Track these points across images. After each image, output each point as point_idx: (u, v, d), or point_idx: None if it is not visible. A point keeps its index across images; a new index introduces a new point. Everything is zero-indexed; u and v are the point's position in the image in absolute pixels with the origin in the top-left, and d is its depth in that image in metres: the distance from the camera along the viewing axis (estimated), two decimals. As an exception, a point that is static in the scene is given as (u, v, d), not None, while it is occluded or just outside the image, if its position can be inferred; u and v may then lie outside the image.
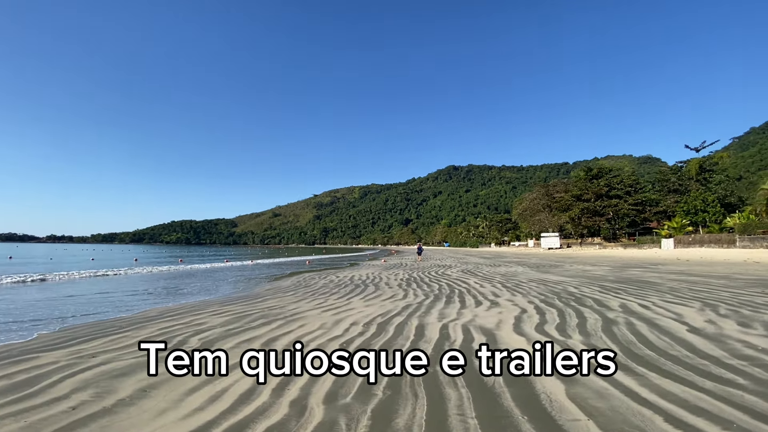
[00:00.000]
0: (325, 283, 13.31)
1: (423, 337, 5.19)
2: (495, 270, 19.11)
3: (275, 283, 14.34)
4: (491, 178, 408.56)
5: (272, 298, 9.58)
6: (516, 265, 22.90)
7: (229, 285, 13.99)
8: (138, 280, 15.33)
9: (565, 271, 17.24)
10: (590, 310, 7.18)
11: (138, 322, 6.62)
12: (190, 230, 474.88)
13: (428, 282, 13.43)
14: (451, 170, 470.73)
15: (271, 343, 5.00)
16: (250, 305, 8.42)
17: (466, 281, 13.46)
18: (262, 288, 12.49)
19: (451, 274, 17.13)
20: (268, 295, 10.27)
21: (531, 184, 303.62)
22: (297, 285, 12.98)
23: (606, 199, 57.12)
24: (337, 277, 16.13)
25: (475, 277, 14.93)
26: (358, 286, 12.19)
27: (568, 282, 12.46)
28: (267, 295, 10.27)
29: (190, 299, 9.97)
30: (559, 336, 5.19)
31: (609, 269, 18.18)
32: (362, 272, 18.74)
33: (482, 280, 13.64)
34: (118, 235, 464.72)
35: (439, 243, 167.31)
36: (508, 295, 9.47)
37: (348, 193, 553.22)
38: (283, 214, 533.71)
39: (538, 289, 10.58)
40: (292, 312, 7.42)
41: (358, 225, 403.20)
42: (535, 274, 16.33)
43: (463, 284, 12.43)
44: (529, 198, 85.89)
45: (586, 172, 63.56)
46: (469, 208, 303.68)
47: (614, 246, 55.23)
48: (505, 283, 12.65)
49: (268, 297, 9.90)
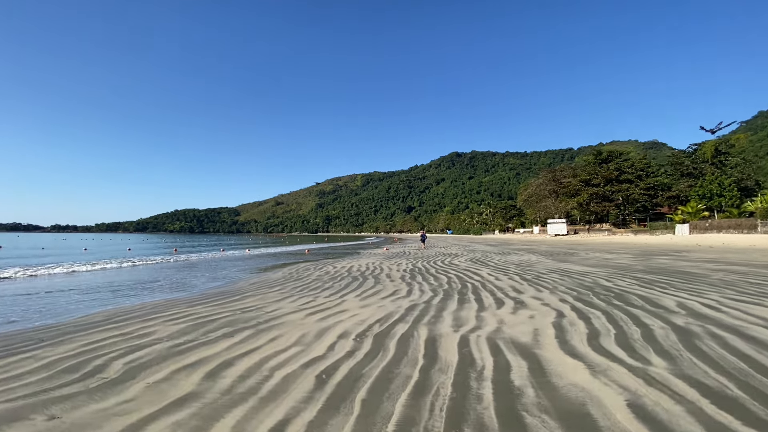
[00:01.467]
0: (319, 276, 11.84)
1: (437, 362, 3.67)
2: (506, 259, 17.58)
3: (264, 275, 12.89)
4: (495, 164, 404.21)
5: (252, 296, 8.10)
6: (527, 253, 21.37)
7: (212, 278, 12.55)
8: (113, 275, 13.92)
9: (585, 260, 15.69)
10: (645, 312, 5.64)
11: (66, 333, 5.16)
12: (194, 219, 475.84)
13: (435, 274, 11.93)
14: (454, 157, 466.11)
15: (219, 373, 3.50)
16: (222, 306, 6.95)
17: (478, 272, 11.94)
18: (247, 281, 11.03)
19: (459, 263, 15.63)
20: (249, 291, 8.80)
21: (535, 170, 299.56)
22: (287, 278, 11.51)
23: (616, 184, 55.14)
24: (333, 267, 14.67)
25: (486, 268, 13.41)
26: (356, 279, 10.71)
27: (595, 273, 10.92)
28: (248, 291, 8.80)
29: (157, 297, 8.51)
30: (628, 358, 3.67)
31: (631, 257, 16.60)
32: (362, 262, 17.27)
33: (495, 271, 12.12)
34: (122, 224, 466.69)
35: (442, 230, 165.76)
36: (533, 291, 7.94)
37: (350, 180, 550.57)
38: (286, 202, 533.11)
39: (565, 283, 9.05)
40: (268, 316, 5.93)
41: (361, 213, 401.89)
42: (552, 263, 14.79)
43: (475, 276, 10.92)
44: (535, 184, 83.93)
45: (596, 156, 61.35)
46: (472, 195, 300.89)
47: (624, 232, 53.54)
48: (523, 274, 11.12)
49: (248, 294, 8.43)
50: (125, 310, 6.84)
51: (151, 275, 13.48)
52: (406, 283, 9.79)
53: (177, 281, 11.57)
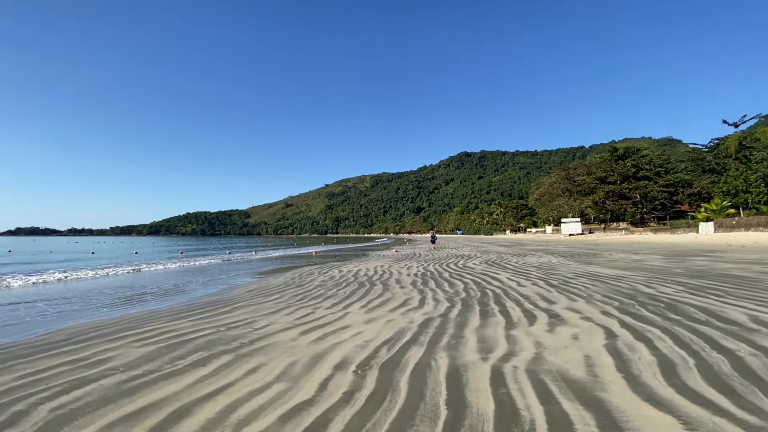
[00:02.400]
0: (323, 281, 10.89)
1: (466, 414, 2.66)
2: (524, 261, 16.43)
3: (264, 280, 12.00)
4: (504, 163, 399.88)
5: (245, 306, 7.19)
6: (545, 254, 20.14)
7: (209, 284, 11.71)
8: (107, 281, 13.21)
9: (611, 262, 14.46)
10: (716, 330, 4.55)
11: (9, 359, 4.28)
12: (205, 221, 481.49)
13: (449, 278, 10.89)
14: (463, 157, 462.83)
15: (166, 431, 2.55)
16: (207, 320, 6.04)
17: (496, 277, 10.86)
18: (244, 288, 10.14)
19: (474, 266, 14.54)
20: (243, 301, 7.89)
21: (546, 169, 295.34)
22: (288, 284, 10.59)
23: (633, 181, 53.19)
24: (339, 272, 13.73)
25: (505, 271, 12.31)
26: (362, 286, 9.74)
27: (629, 277, 9.76)
28: (242, 301, 7.89)
29: (140, 308, 7.66)
30: (735, 407, 2.61)
31: (662, 258, 15.31)
32: (370, 265, 16.30)
33: (516, 275, 11.03)
34: (135, 228, 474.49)
35: (452, 231, 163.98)
36: (565, 301, 6.86)
37: (359, 182, 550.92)
38: (296, 204, 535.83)
39: (599, 289, 7.94)
40: (255, 335, 4.99)
41: (370, 214, 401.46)
42: (575, 265, 13.62)
43: (494, 282, 9.85)
44: (548, 182, 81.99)
45: (611, 153, 59.33)
46: (482, 195, 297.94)
47: (643, 231, 51.62)
48: (547, 279, 10.01)
49: (241, 303, 7.52)
50: (96, 325, 5.97)
51: (146, 281, 12.72)
52: (417, 290, 8.78)
53: (170, 288, 10.75)
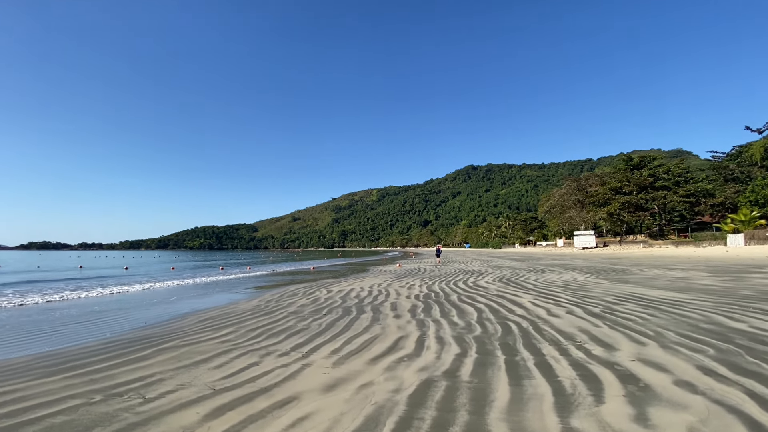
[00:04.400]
0: (301, 306, 8.82)
1: None
2: (544, 278, 14.19)
3: (233, 304, 9.95)
4: (512, 176, 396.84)
5: (171, 350, 5.16)
6: (565, 270, 17.84)
7: (165, 309, 9.73)
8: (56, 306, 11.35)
9: (650, 280, 12.17)
10: None
11: None
12: (213, 236, 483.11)
13: (457, 302, 8.75)
14: (469, 170, 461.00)
15: None
16: (94, 374, 4.03)
17: (517, 300, 8.69)
18: (201, 315, 8.09)
19: (488, 285, 12.36)
20: (179, 338, 5.87)
21: (554, 181, 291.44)
22: (257, 310, 8.53)
23: (651, 191, 50.51)
24: (328, 292, 11.65)
25: (525, 292, 10.12)
26: (347, 313, 7.65)
27: (690, 302, 7.55)
28: (177, 338, 5.86)
29: (41, 346, 5.68)
30: None
31: (710, 275, 12.98)
32: (366, 283, 14.19)
33: (541, 298, 8.85)
34: (144, 242, 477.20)
35: (459, 244, 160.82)
36: (628, 344, 4.72)
37: (366, 195, 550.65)
38: (302, 218, 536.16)
39: (663, 322, 5.78)
40: (130, 419, 2.95)
41: (377, 227, 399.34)
42: (609, 284, 11.38)
43: (516, 308, 7.69)
44: (558, 194, 79.37)
45: (626, 162, 56.79)
46: (489, 208, 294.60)
47: (663, 244, 48.71)
48: (584, 304, 7.83)
49: (170, 344, 5.49)
50: (-74, 385, 3.98)
51: (96, 306, 10.80)
52: (416, 321, 6.66)
53: (112, 317, 8.77)
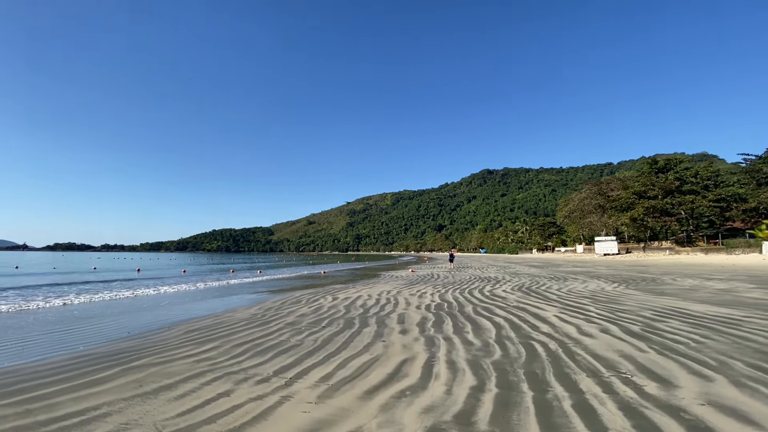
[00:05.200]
0: (300, 316, 8.08)
1: None
2: (568, 288, 13.10)
3: (229, 313, 9.27)
4: (528, 181, 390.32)
5: (139, 370, 4.47)
6: (588, 278, 16.63)
7: (161, 314, 9.13)
8: (43, 313, 10.95)
9: (688, 292, 10.97)
10: None
11: None
12: (230, 238, 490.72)
13: (472, 315, 7.85)
14: (485, 174, 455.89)
15: None
16: (29, 403, 3.34)
17: (541, 314, 7.73)
18: (189, 326, 7.42)
19: (506, 295, 11.38)
20: (155, 354, 5.18)
21: (572, 186, 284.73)
22: (251, 320, 7.82)
23: (678, 196, 48.15)
24: (333, 299, 10.89)
25: (548, 304, 9.13)
26: (348, 326, 6.86)
27: (748, 320, 6.46)
28: (153, 354, 5.18)
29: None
30: None
31: (756, 286, 11.66)
32: (375, 290, 13.39)
33: (568, 312, 7.86)
34: (164, 244, 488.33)
35: (474, 249, 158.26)
36: (689, 379, 3.77)
37: (380, 199, 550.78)
38: (317, 221, 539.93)
39: (722, 347, 4.79)
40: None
41: (391, 232, 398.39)
42: (641, 296, 10.26)
43: (540, 324, 6.75)
44: (577, 198, 76.97)
45: (650, 165, 54.42)
46: (505, 213, 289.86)
47: (690, 251, 46.31)
48: (619, 320, 6.83)
49: (140, 362, 4.80)
50: None
51: (92, 311, 10.33)
52: (424, 338, 5.81)
53: (95, 325, 8.20)
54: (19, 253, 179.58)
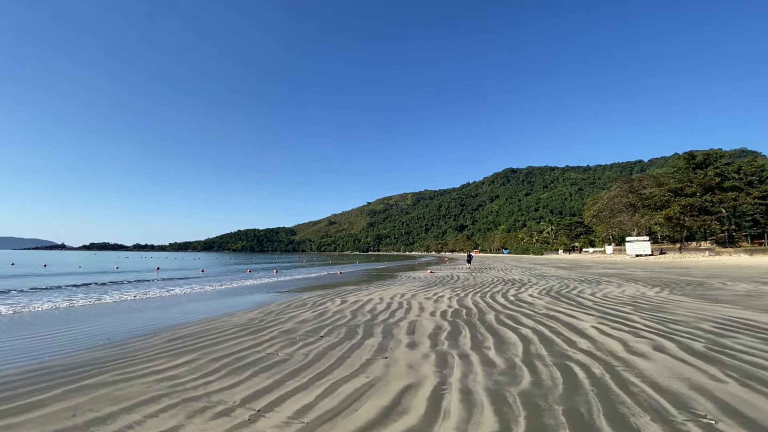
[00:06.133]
0: (301, 322, 7.26)
1: None
2: (602, 292, 11.77)
3: (226, 316, 8.59)
4: (554, 179, 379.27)
5: (70, 397, 3.73)
6: (623, 282, 15.12)
7: (146, 319, 8.54)
8: (41, 316, 10.61)
9: (747, 299, 9.49)
10: None
11: None
12: (254, 239, 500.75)
13: (494, 324, 6.82)
14: (508, 173, 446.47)
15: None
16: None
17: (576, 325, 6.60)
18: (169, 334, 6.73)
19: (533, 300, 10.22)
20: (103, 374, 4.46)
21: (600, 185, 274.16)
22: (245, 327, 7.06)
23: (718, 193, 44.87)
24: (342, 303, 10.06)
25: (583, 311, 7.95)
26: (351, 336, 5.98)
27: None
28: (102, 373, 4.46)
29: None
30: None
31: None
32: (388, 293, 12.48)
33: (606, 321, 6.70)
34: (191, 244, 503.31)
35: (497, 250, 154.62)
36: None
37: (401, 200, 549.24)
38: (338, 222, 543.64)
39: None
40: None
41: (411, 232, 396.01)
42: (692, 303, 8.90)
43: (577, 338, 5.64)
44: (607, 196, 73.52)
45: (687, 161, 51.01)
46: (529, 213, 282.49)
47: (733, 252, 43.04)
48: (673, 334, 5.64)
49: (88, 383, 4.09)
50: None
51: (87, 313, 9.90)
52: (436, 355, 4.85)
53: (77, 330, 7.66)
54: (56, 252, 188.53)
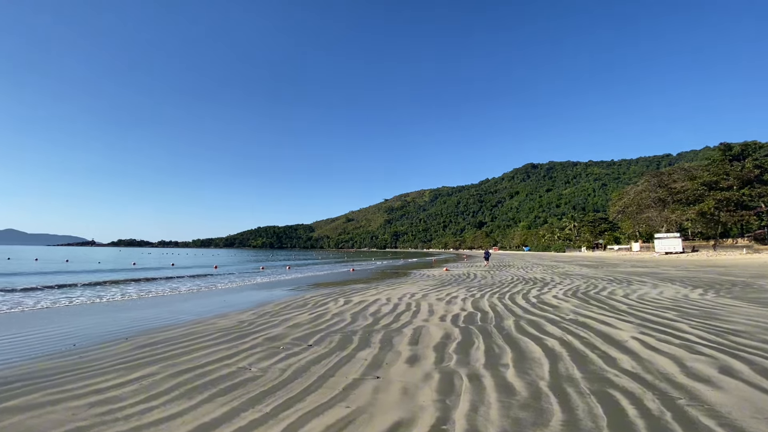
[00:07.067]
0: (290, 327, 6.45)
1: None
2: (636, 294, 10.51)
3: (214, 320, 7.88)
4: (576, 175, 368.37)
5: (10, 414, 2.99)
6: (658, 281, 13.70)
7: (130, 320, 7.92)
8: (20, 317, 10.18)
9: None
10: None
11: None
12: (274, 235, 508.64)
13: (514, 334, 5.81)
14: (529, 168, 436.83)
15: None
16: None
17: (612, 334, 5.52)
18: (141, 340, 6.03)
19: (558, 303, 9.11)
20: (31, 393, 3.73)
21: (625, 180, 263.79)
22: (230, 331, 6.30)
23: (758, 186, 41.85)
24: (345, 303, 9.22)
25: (619, 318, 6.82)
26: (342, 347, 5.11)
27: None
28: (30, 393, 3.73)
29: None
30: None
31: None
32: (397, 293, 11.57)
33: (649, 331, 5.59)
34: (213, 241, 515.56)
35: (517, 247, 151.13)
36: None
37: (418, 196, 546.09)
38: (356, 219, 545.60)
39: None
40: None
41: (429, 229, 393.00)
42: (748, 307, 7.61)
43: (616, 353, 4.58)
44: (634, 191, 70.21)
45: (723, 152, 47.83)
46: (551, 209, 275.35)
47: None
48: (744, 352, 4.52)
49: (7, 405, 3.35)
50: None
51: (71, 312, 9.40)
52: (440, 376, 3.92)
53: (47, 332, 7.08)
54: (85, 249, 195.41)
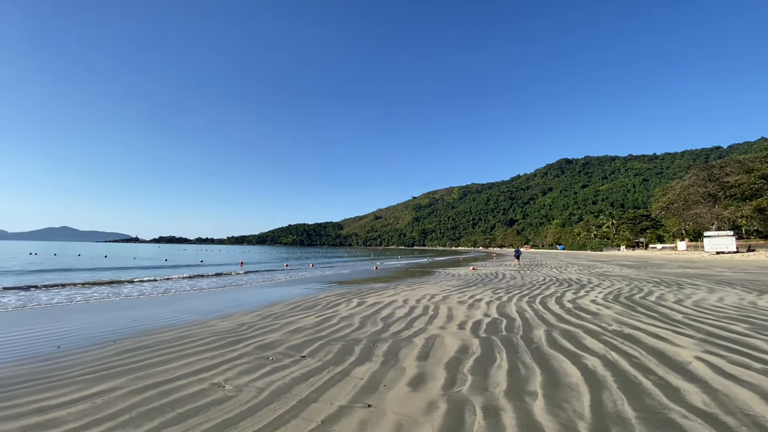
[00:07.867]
0: (291, 333, 5.84)
1: None
2: (691, 300, 9.15)
3: (216, 321, 7.42)
4: (614, 170, 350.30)
5: None
6: (713, 285, 12.06)
7: (131, 319, 7.60)
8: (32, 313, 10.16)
9: None
10: None
11: None
12: (304, 233, 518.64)
13: (545, 349, 4.89)
14: (563, 164, 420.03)
15: None
16: None
17: (669, 352, 4.49)
18: (129, 343, 5.59)
19: (599, 310, 7.98)
20: (25, 395, 3.28)
21: (669, 174, 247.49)
22: (227, 335, 5.77)
23: (828, 179, 37.45)
24: (358, 305, 8.56)
25: (675, 331, 5.72)
26: (340, 360, 4.42)
27: None
28: (24, 394, 3.28)
29: None
30: None
31: None
32: (416, 294, 10.77)
33: (715, 348, 4.52)
34: (246, 238, 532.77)
35: (550, 245, 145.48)
36: None
37: (447, 194, 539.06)
38: (384, 216, 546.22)
39: None
40: None
41: (458, 226, 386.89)
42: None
43: (679, 380, 3.60)
44: (680, 186, 65.31)
45: (786, 142, 43.37)
46: (587, 206, 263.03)
47: None
48: None
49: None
50: None
51: (75, 309, 9.27)
52: (447, 407, 3.12)
53: (39, 333, 6.84)
54: (129, 245, 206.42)
